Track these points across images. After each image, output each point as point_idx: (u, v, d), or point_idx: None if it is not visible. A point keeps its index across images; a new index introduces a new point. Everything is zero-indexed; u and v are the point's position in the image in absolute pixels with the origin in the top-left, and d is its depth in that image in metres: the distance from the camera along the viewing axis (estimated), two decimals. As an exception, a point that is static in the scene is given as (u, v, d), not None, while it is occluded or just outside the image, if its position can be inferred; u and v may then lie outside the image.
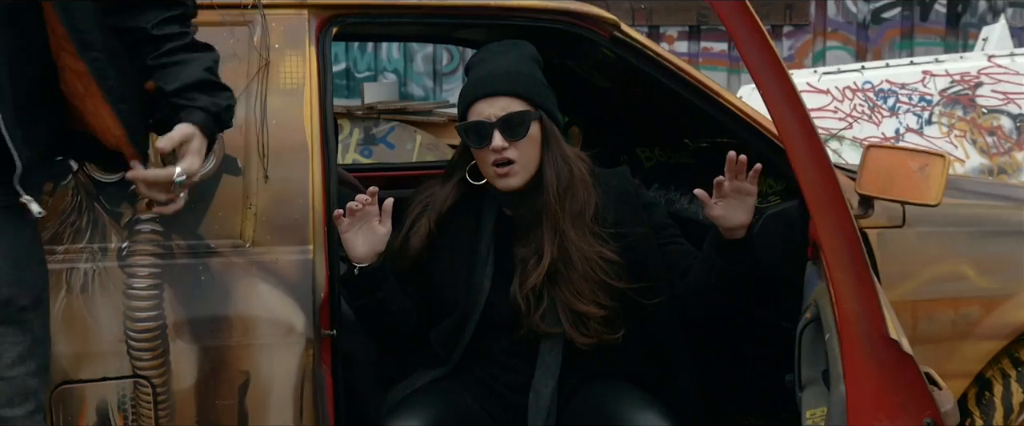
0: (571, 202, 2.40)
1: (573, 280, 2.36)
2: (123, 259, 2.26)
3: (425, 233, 2.45)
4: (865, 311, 1.42)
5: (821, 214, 1.44)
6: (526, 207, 2.43)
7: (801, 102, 1.45)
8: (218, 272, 2.29)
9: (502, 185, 2.39)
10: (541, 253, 2.37)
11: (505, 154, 2.35)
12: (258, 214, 2.34)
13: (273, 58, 2.42)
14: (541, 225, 2.39)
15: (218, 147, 2.32)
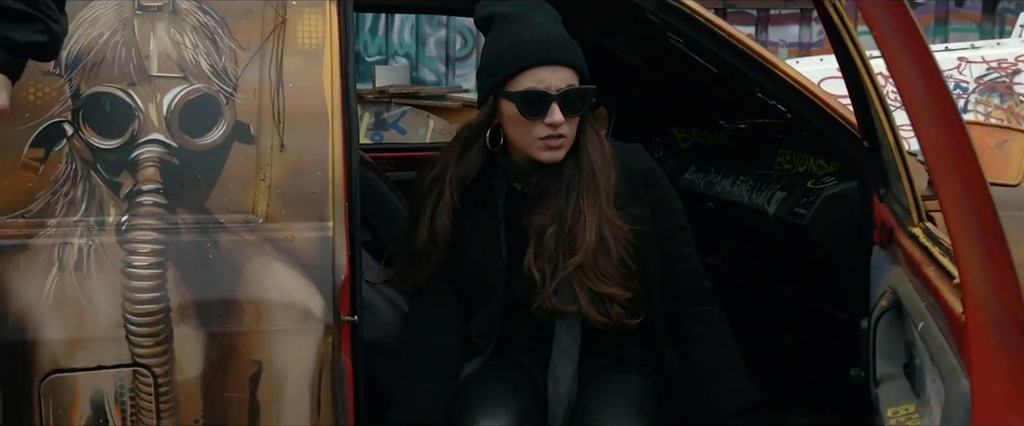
0: (607, 178, 2.20)
1: (597, 263, 2.14)
2: (122, 234, 2.04)
3: (452, 209, 2.22)
4: (998, 293, 1.20)
5: (945, 178, 1.22)
6: (545, 179, 2.21)
7: (923, 41, 1.23)
8: (228, 250, 2.07)
9: (547, 157, 2.16)
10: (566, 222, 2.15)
11: (561, 129, 2.13)
12: (272, 187, 2.11)
13: (290, 16, 2.20)
14: (564, 196, 2.18)
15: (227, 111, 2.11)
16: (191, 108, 2.11)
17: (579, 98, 2.14)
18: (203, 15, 2.17)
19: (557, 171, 2.18)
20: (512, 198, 2.26)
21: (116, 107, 2.09)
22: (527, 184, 2.24)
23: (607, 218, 2.15)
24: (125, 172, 2.07)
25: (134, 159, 2.07)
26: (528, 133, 2.14)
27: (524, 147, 2.17)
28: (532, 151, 2.17)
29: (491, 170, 2.26)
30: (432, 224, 2.23)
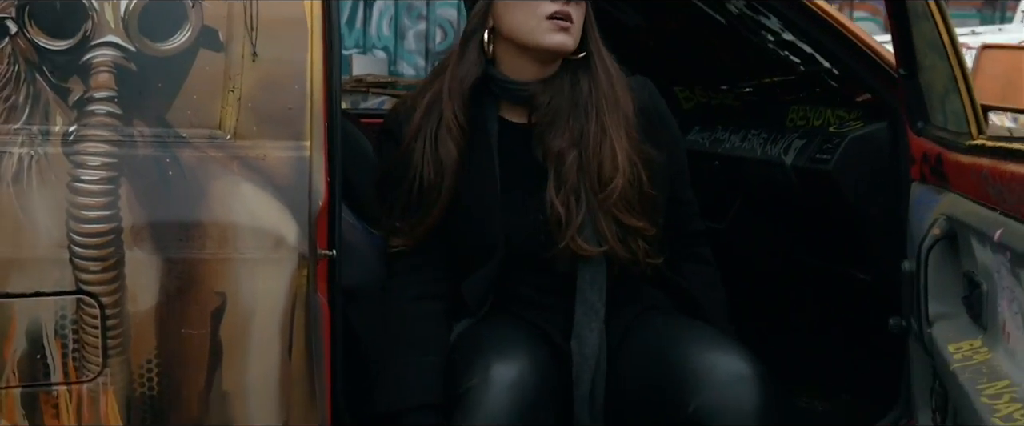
0: (625, 95, 1.96)
1: (625, 190, 1.89)
2: (70, 145, 1.78)
3: (458, 129, 1.95)
4: None
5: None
6: (553, 95, 1.95)
7: None
8: (190, 167, 1.82)
9: (557, 41, 1.89)
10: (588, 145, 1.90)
11: (569, 8, 1.88)
12: (242, 99, 1.87)
13: (265, -89, 1.95)
14: (582, 115, 1.92)
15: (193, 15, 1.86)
16: (153, 9, 1.86)
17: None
18: (167, -94, 1.92)
19: (567, 86, 1.94)
20: (506, 130, 2.00)
21: (67, 4, 1.83)
22: (533, 106, 1.97)
23: (633, 141, 1.91)
24: (75, 77, 1.81)
25: (86, 63, 1.82)
26: (533, 13, 1.89)
27: (529, 35, 1.91)
28: (537, 35, 1.90)
29: (480, 93, 1.99)
30: (436, 154, 1.94)
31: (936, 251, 1.73)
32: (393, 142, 2.01)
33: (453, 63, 1.98)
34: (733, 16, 2.79)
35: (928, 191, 1.95)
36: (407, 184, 1.95)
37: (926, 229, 1.79)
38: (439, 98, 1.96)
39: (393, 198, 2.00)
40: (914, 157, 2.09)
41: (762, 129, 2.82)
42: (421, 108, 1.97)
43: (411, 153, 1.95)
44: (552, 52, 1.92)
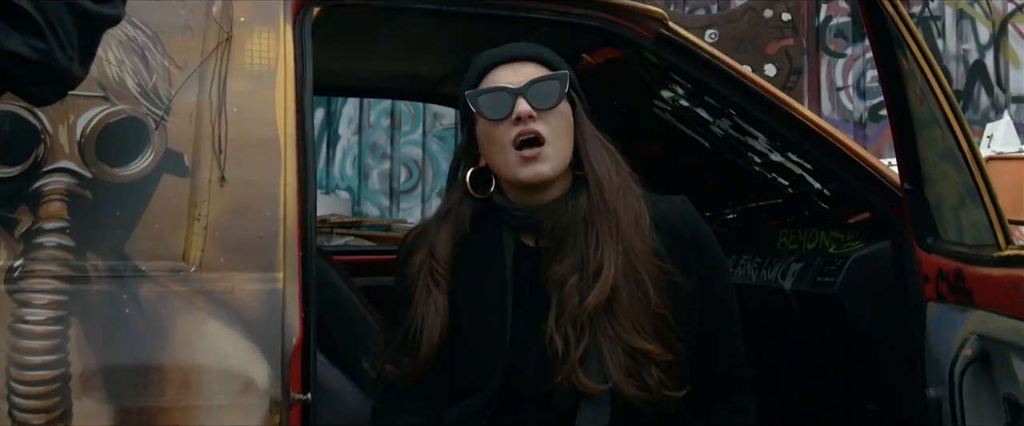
0: (626, 204, 1.79)
1: (632, 309, 1.72)
2: (13, 282, 1.61)
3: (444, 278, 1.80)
4: None
5: None
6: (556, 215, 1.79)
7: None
8: (150, 303, 1.65)
9: (529, 174, 1.75)
10: (588, 265, 1.73)
11: (532, 125, 1.74)
12: (209, 228, 1.72)
13: (237, 33, 1.86)
14: (584, 234, 1.77)
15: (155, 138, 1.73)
16: (112, 132, 1.73)
17: (549, 87, 1.77)
18: (132, 29, 1.81)
19: (568, 203, 1.79)
20: (522, 256, 1.84)
21: (18, 128, 1.70)
22: (540, 233, 1.82)
23: (634, 249, 1.74)
24: (23, 206, 1.66)
25: (36, 191, 1.67)
26: (502, 150, 1.75)
27: (504, 170, 1.77)
28: (510, 169, 1.76)
29: (494, 221, 1.85)
30: (427, 299, 1.78)
31: (969, 374, 1.59)
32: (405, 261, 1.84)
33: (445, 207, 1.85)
34: (718, 138, 2.71)
35: (949, 310, 1.82)
36: (401, 317, 1.78)
37: (954, 351, 1.65)
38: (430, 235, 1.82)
39: (397, 327, 1.82)
40: (928, 275, 1.97)
41: (754, 254, 2.70)
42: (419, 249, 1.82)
43: (410, 295, 1.79)
44: (530, 185, 1.78)
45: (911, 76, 1.76)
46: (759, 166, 2.72)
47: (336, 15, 2.04)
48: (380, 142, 7.90)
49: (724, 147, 2.75)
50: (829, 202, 2.59)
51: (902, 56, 1.75)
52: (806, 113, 2.23)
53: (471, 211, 1.82)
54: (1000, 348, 1.49)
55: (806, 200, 2.70)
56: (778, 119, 2.24)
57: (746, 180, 2.85)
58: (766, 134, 2.42)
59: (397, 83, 3.32)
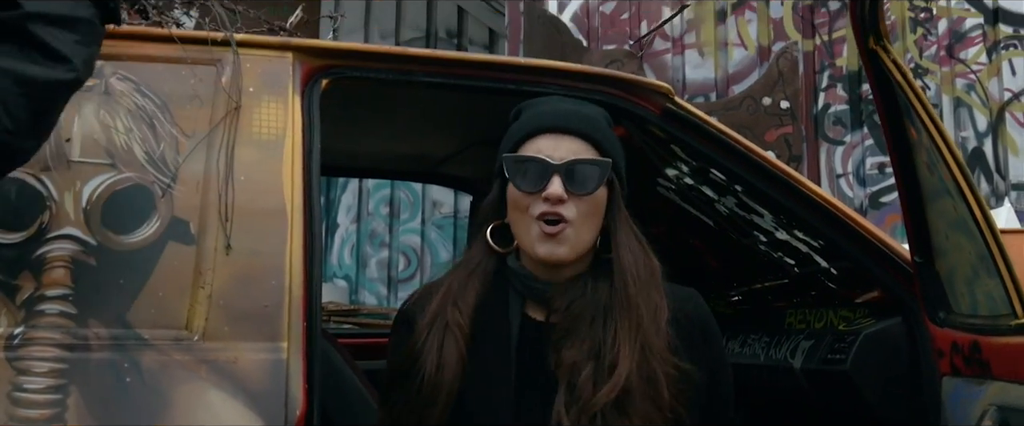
0: (648, 299, 1.72)
1: (643, 406, 1.66)
2: (14, 349, 1.57)
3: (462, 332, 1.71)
4: None
5: None
6: (572, 298, 1.74)
7: None
8: (152, 372, 1.61)
9: (545, 252, 1.69)
10: (603, 357, 1.69)
11: (559, 208, 1.68)
12: (214, 297, 1.69)
13: (246, 103, 1.86)
14: (602, 323, 1.72)
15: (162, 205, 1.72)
16: (118, 200, 1.72)
17: (588, 172, 1.70)
18: (141, 98, 1.82)
19: (589, 290, 1.73)
20: (529, 328, 1.78)
21: (23, 194, 1.69)
22: (551, 309, 1.76)
23: (651, 347, 1.67)
24: (26, 272, 1.64)
25: (39, 257, 1.65)
26: (525, 218, 1.70)
27: (523, 240, 1.72)
28: (529, 242, 1.70)
29: (503, 287, 1.80)
30: (440, 353, 1.71)
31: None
32: (406, 331, 1.77)
33: (466, 255, 1.80)
34: (723, 217, 2.70)
35: (965, 383, 1.78)
36: (412, 380, 1.73)
37: (974, 424, 1.61)
38: (447, 293, 1.75)
39: (397, 395, 1.76)
40: (942, 350, 1.94)
41: (762, 333, 2.67)
42: (436, 300, 1.76)
43: (421, 348, 1.72)
44: (545, 262, 1.72)
45: (920, 146, 1.76)
46: (765, 245, 2.70)
47: (344, 87, 2.05)
48: (379, 230, 7.90)
49: (729, 226, 2.74)
50: (836, 281, 2.56)
51: (911, 125, 1.75)
52: (812, 187, 2.22)
53: (493, 268, 1.77)
54: (1022, 418, 1.46)
55: (813, 280, 2.68)
56: (785, 193, 2.23)
57: (752, 260, 2.84)
58: (772, 211, 2.41)
59: (400, 164, 3.32)
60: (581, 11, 6.08)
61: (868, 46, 1.72)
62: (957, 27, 5.86)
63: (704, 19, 6.00)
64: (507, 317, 1.77)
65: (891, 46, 1.70)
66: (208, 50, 1.89)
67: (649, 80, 2.24)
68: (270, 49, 1.94)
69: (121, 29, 1.86)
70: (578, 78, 2.18)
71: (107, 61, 1.82)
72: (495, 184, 1.79)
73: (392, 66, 2.07)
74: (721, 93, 5.92)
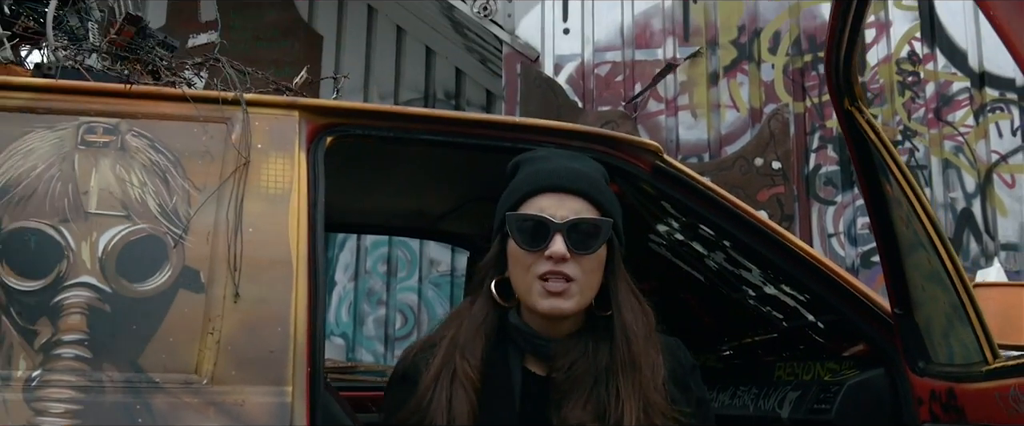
0: (647, 356, 1.78)
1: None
2: (31, 391, 1.65)
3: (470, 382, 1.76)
4: None
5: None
6: (573, 356, 1.80)
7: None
8: (162, 413, 1.69)
9: (548, 307, 1.75)
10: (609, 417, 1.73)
11: (562, 266, 1.74)
12: (222, 342, 1.77)
13: (254, 158, 1.95)
14: (604, 382, 1.77)
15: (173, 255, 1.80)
16: (132, 250, 1.81)
17: (590, 231, 1.76)
18: (155, 153, 1.92)
19: (588, 348, 1.79)
20: (531, 383, 1.83)
21: (42, 245, 1.77)
22: (552, 366, 1.81)
23: (654, 405, 1.74)
24: (44, 318, 1.72)
25: (57, 304, 1.73)
26: (527, 273, 1.77)
27: (525, 296, 1.79)
28: (531, 297, 1.77)
29: (504, 341, 1.85)
30: (450, 406, 1.74)
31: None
32: (409, 386, 1.81)
33: (467, 308, 1.86)
34: (712, 272, 2.78)
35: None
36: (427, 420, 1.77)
37: (950, 467, 1.68)
38: (452, 344, 1.81)
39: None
40: (921, 398, 2.01)
41: (751, 385, 2.74)
42: (440, 353, 1.81)
43: (429, 401, 1.76)
44: (546, 316, 1.79)
45: (896, 202, 1.85)
46: (753, 299, 2.78)
47: (347, 145, 2.15)
48: (376, 288, 7.97)
49: (719, 281, 2.82)
50: (823, 335, 2.64)
51: (886, 182, 1.85)
52: (798, 243, 2.31)
53: (492, 326, 1.82)
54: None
55: (801, 334, 2.75)
56: (771, 248, 2.32)
57: (742, 315, 2.91)
58: (760, 266, 2.49)
59: (400, 220, 3.42)
60: (576, 73, 6.24)
61: (844, 107, 1.82)
62: (944, 90, 6.00)
63: (697, 81, 6.14)
64: (509, 370, 1.83)
65: (865, 107, 1.81)
66: (219, 109, 1.99)
67: (639, 139, 2.35)
68: (277, 108, 2.04)
69: (137, 89, 1.97)
70: (572, 136, 2.28)
71: (123, 119, 1.93)
72: (495, 240, 1.86)
73: (394, 124, 2.17)
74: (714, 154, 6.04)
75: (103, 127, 1.91)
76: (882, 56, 6.05)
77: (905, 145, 5.85)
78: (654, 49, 6.18)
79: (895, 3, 6.09)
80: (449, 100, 7.82)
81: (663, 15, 6.23)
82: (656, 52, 6.19)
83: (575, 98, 6.13)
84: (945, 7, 6.02)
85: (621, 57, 6.18)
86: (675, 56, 6.14)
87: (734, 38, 6.20)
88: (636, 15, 6.26)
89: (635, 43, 6.21)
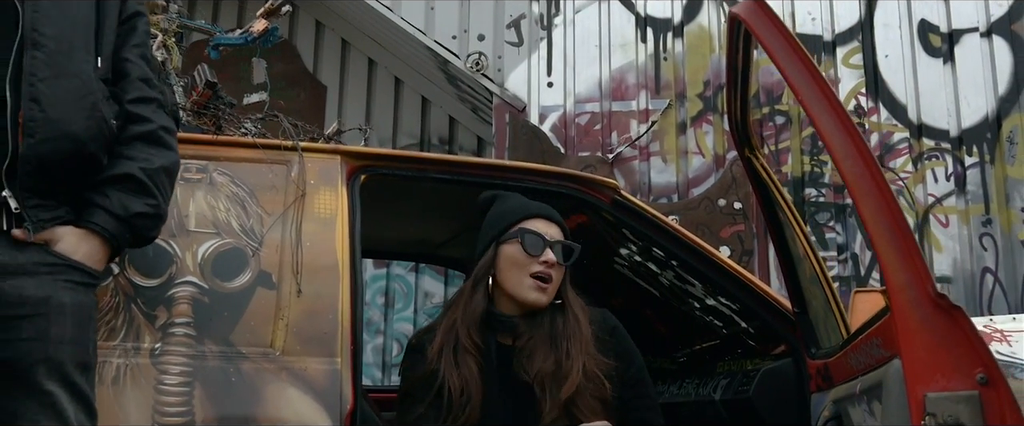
0: (584, 324, 2.53)
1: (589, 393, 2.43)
2: (155, 358, 2.28)
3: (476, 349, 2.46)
4: (912, 278, 1.55)
5: (865, 200, 1.61)
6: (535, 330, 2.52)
7: (837, 101, 1.68)
8: (249, 376, 2.31)
9: (534, 298, 2.50)
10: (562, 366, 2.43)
11: (551, 271, 2.50)
12: (289, 325, 2.40)
13: (309, 191, 2.59)
14: (558, 345, 2.47)
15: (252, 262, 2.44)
16: (222, 258, 2.44)
17: (569, 250, 2.55)
18: (235, 187, 2.56)
19: (545, 324, 2.51)
20: (501, 351, 2.53)
21: (158, 253, 2.40)
22: (517, 337, 2.52)
23: (591, 356, 2.47)
24: (161, 306, 2.34)
25: (170, 296, 2.36)
26: (523, 272, 2.49)
27: (516, 288, 2.50)
28: (522, 291, 2.50)
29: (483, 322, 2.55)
30: (458, 370, 2.44)
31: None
32: (420, 356, 2.52)
33: (465, 299, 2.55)
34: (665, 287, 3.43)
35: (822, 395, 2.49)
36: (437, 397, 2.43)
37: (819, 415, 2.32)
38: (454, 325, 2.51)
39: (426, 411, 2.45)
40: (812, 375, 2.65)
41: (695, 378, 3.37)
42: (441, 332, 2.52)
43: (437, 370, 2.45)
44: (531, 305, 2.52)
45: (786, 225, 2.51)
46: (698, 310, 3.43)
47: (376, 182, 2.79)
48: (374, 319, 8.51)
49: (670, 295, 3.47)
50: (755, 339, 3.28)
51: (778, 211, 2.50)
52: (723, 259, 2.96)
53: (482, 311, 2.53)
54: (843, 404, 2.17)
55: (738, 339, 3.40)
56: (707, 266, 2.97)
57: (690, 324, 3.55)
58: (700, 280, 3.14)
59: (407, 247, 4.06)
60: (559, 122, 6.88)
61: (744, 154, 2.48)
62: (887, 140, 6.68)
63: (667, 131, 6.81)
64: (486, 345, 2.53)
65: (760, 154, 2.47)
66: (281, 154, 2.63)
67: (601, 177, 3.01)
68: (324, 153, 2.69)
69: (221, 139, 2.63)
70: (550, 176, 2.94)
71: (210, 161, 2.57)
72: (490, 248, 2.55)
73: (411, 165, 2.83)
74: (682, 195, 6.69)
75: (197, 167, 2.55)
76: (831, 109, 6.72)
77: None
78: (629, 101, 6.86)
79: (843, 62, 6.80)
80: (443, 145, 8.43)
81: (637, 71, 6.93)
82: (631, 103, 6.86)
83: (558, 144, 6.78)
84: (887, 65, 6.73)
85: (599, 108, 6.86)
86: (647, 107, 6.82)
87: (700, 92, 6.88)
88: (613, 70, 6.95)
89: (612, 95, 6.89)
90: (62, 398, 1.87)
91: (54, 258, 1.94)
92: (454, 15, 7.18)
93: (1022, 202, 6.41)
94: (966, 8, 6.73)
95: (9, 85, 1.91)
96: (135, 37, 2.18)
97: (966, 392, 1.50)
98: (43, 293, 1.90)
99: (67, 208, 2.00)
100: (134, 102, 2.11)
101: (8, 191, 1.91)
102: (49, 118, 1.92)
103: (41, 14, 1.98)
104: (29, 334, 1.87)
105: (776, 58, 1.80)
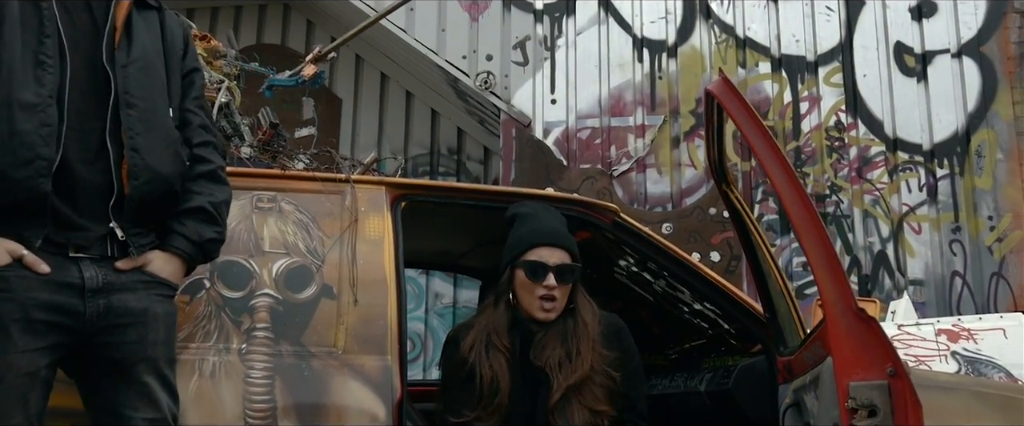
0: (593, 327, 3.05)
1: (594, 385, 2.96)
2: (243, 356, 2.80)
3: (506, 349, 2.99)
4: (840, 294, 2.07)
5: (806, 236, 2.13)
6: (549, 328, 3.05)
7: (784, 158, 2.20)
8: (318, 370, 2.84)
9: (542, 316, 3.04)
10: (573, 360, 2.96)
11: (554, 293, 3.03)
12: (349, 329, 2.92)
13: (361, 217, 3.12)
14: (569, 341, 3.01)
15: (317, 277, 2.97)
16: (292, 273, 2.96)
17: (569, 271, 3.06)
18: (300, 214, 3.08)
19: (559, 324, 3.04)
20: (524, 343, 3.06)
21: (240, 270, 2.93)
22: (536, 333, 3.05)
23: (599, 353, 3.00)
24: (245, 314, 2.87)
25: (251, 306, 2.88)
26: (531, 294, 3.03)
27: (527, 306, 3.04)
28: (532, 309, 3.04)
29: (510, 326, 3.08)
30: (490, 363, 2.99)
31: (789, 414, 2.78)
32: (455, 347, 3.07)
33: (491, 309, 3.10)
34: (658, 294, 3.96)
35: (786, 386, 3.02)
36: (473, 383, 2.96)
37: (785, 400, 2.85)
38: (485, 327, 3.06)
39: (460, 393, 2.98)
40: (780, 370, 3.18)
41: (683, 372, 3.90)
42: (475, 329, 3.07)
43: (471, 361, 3.00)
44: (541, 321, 3.05)
45: (757, 246, 3.04)
46: (687, 314, 3.96)
47: (413, 208, 3.31)
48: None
49: (663, 301, 4.00)
50: (736, 339, 3.81)
51: (751, 234, 3.03)
52: (707, 271, 3.49)
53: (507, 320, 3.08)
54: (800, 393, 2.70)
55: (722, 339, 3.93)
56: (693, 276, 3.49)
57: (680, 326, 4.09)
58: (688, 288, 3.67)
59: (434, 258, 4.59)
60: (561, 136, 7.41)
61: (721, 188, 3.01)
62: (865, 153, 7.21)
63: (661, 144, 7.33)
64: (511, 340, 3.06)
65: (735, 188, 2.99)
66: (337, 185, 3.15)
67: (603, 202, 3.53)
68: (372, 184, 3.21)
69: (288, 173, 3.15)
70: (560, 201, 3.46)
71: (278, 192, 3.09)
72: (507, 271, 3.09)
73: (442, 193, 3.36)
74: (676, 204, 7.22)
75: (268, 197, 3.07)
76: (813, 124, 7.27)
77: (832, 198, 7.05)
78: (627, 117, 7.40)
79: (825, 81, 7.33)
80: (451, 155, 8.94)
81: (634, 89, 7.46)
82: (628, 119, 7.40)
83: (561, 157, 7.32)
84: (865, 84, 7.27)
85: (599, 123, 7.39)
86: (644, 123, 7.35)
87: (693, 108, 7.42)
88: (611, 88, 7.48)
89: (611, 112, 7.43)
90: (156, 388, 2.34)
91: (148, 276, 2.39)
92: (464, 36, 7.71)
93: (988, 211, 6.96)
94: (938, 31, 7.28)
95: (110, 137, 2.35)
96: (194, 90, 2.61)
97: (879, 381, 2.03)
98: (141, 305, 2.35)
99: (154, 235, 2.46)
100: (198, 146, 2.55)
101: (115, 222, 2.36)
102: (148, 164, 2.37)
103: (131, 79, 2.40)
104: (132, 338, 2.33)
105: (740, 124, 2.33)
